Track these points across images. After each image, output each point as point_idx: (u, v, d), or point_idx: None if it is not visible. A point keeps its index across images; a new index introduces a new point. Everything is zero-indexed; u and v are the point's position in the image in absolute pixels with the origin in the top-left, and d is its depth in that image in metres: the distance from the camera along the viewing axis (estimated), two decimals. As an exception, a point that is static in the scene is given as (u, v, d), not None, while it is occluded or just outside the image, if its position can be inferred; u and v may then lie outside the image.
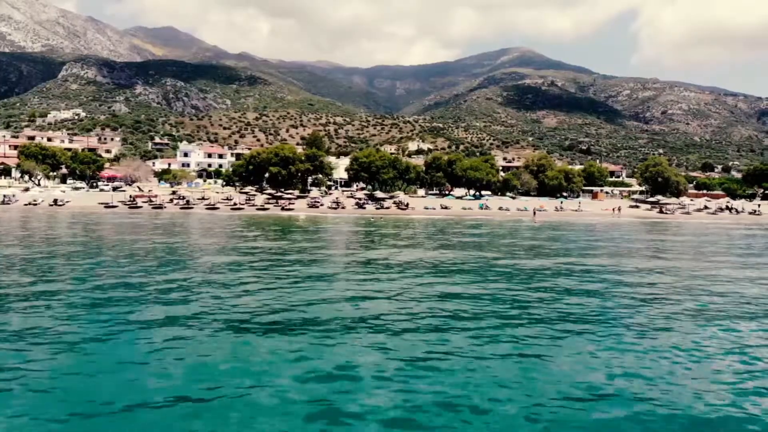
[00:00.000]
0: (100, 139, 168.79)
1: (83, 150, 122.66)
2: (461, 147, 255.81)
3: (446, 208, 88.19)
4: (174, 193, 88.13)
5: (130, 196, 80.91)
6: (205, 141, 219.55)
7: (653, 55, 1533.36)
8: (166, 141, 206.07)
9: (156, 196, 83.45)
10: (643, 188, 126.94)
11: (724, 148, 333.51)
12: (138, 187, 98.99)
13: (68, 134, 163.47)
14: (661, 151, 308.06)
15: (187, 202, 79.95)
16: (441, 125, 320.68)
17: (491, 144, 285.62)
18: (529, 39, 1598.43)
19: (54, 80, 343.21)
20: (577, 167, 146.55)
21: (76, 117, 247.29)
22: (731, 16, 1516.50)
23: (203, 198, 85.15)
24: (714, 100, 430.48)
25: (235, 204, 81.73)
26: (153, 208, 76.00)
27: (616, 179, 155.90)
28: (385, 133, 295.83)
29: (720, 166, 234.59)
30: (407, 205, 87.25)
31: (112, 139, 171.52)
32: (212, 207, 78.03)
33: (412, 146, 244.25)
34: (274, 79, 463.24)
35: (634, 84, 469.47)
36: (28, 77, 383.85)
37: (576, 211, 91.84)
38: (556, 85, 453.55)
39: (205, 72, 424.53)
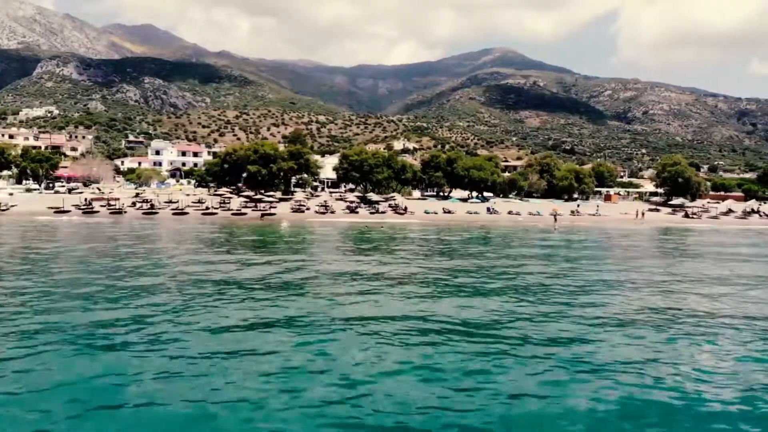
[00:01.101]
0: (71, 136, 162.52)
1: (46, 147, 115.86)
2: (447, 146, 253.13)
3: (449, 212, 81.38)
4: (137, 195, 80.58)
5: (86, 200, 73.14)
6: (183, 140, 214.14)
7: (633, 55, 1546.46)
8: (140, 139, 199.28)
9: (117, 199, 74.62)
10: (659, 189, 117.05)
11: (706, 148, 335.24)
12: (98, 189, 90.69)
13: (39, 131, 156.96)
14: (644, 150, 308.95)
15: (152, 206, 72.98)
16: (425, 124, 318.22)
17: (476, 144, 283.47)
18: (510, 40, 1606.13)
19: (28, 78, 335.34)
20: (587, 167, 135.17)
21: (49, 114, 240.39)
22: (709, 18, 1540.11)
23: (171, 201, 77.45)
24: (694, 100, 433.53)
25: (207, 208, 74.65)
26: (111, 213, 68.54)
27: (621, 179, 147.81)
28: (368, 132, 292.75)
29: (706, 166, 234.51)
30: (405, 209, 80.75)
31: (83, 137, 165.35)
32: (180, 212, 71.18)
33: (398, 145, 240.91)
34: (255, 78, 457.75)
35: (616, 84, 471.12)
36: (4, 75, 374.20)
37: (593, 215, 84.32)
38: (538, 85, 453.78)
39: (184, 70, 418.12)
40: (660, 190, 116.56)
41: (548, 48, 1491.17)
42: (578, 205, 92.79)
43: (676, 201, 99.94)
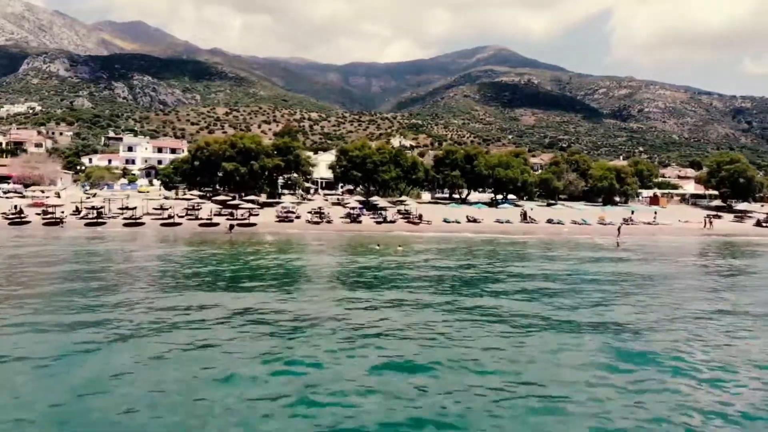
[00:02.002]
0: (47, 132, 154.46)
1: (8, 143, 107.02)
2: (444, 144, 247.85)
3: (474, 220, 67.75)
4: (82, 201, 65.70)
5: (15, 206, 61.09)
6: (170, 137, 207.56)
7: (626, 54, 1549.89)
8: (120, 136, 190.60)
9: (58, 205, 60.62)
10: (708, 192, 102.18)
11: (703, 146, 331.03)
12: (41, 191, 77.08)
13: (16, 127, 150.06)
14: (641, 148, 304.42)
15: (99, 214, 59.97)
16: (420, 122, 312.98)
17: (472, 141, 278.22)
18: (504, 39, 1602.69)
19: (14, 74, 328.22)
20: (620, 164, 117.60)
21: (31, 111, 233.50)
22: (702, 17, 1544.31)
23: (127, 208, 64.15)
24: (689, 98, 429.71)
25: (169, 217, 60.94)
26: (45, 224, 55.93)
27: (658, 179, 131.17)
28: (362, 129, 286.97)
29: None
30: (420, 217, 66.78)
31: (61, 134, 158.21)
32: (134, 222, 58.60)
33: (395, 143, 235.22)
34: (247, 75, 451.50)
35: (610, 82, 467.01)
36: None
37: (649, 224, 70.60)
38: (533, 82, 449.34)
39: (175, 67, 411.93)
40: (708, 192, 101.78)
41: (542, 46, 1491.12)
42: (632, 212, 77.38)
43: (740, 206, 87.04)
